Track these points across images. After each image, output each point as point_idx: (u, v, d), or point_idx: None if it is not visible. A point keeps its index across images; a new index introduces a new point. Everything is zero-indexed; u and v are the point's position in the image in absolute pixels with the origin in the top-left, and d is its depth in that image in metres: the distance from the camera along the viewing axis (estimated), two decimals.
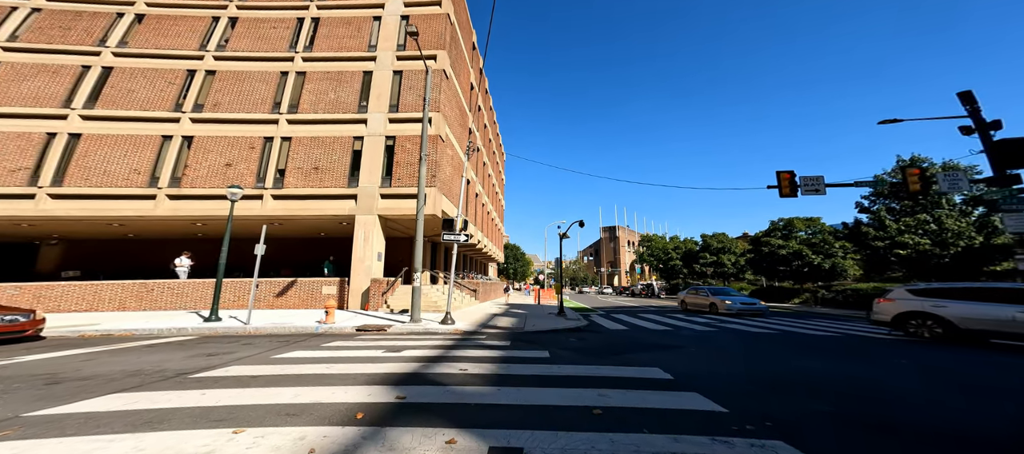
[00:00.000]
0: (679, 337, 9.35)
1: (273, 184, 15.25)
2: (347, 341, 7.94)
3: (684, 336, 9.54)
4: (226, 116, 16.05)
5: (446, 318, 10.81)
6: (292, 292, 13.98)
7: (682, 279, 46.10)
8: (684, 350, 7.33)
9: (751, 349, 7.69)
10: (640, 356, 6.64)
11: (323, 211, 15.17)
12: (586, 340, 8.79)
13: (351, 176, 16.16)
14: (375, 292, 14.05)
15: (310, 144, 16.20)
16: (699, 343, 8.45)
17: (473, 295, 21.51)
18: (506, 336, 9.13)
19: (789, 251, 24.92)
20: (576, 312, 17.57)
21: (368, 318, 11.79)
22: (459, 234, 11.73)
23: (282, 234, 19.68)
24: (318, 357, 6.18)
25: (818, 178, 13.27)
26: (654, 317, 15.25)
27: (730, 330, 10.98)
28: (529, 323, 11.92)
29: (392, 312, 13.74)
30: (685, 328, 11.25)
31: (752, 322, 13.82)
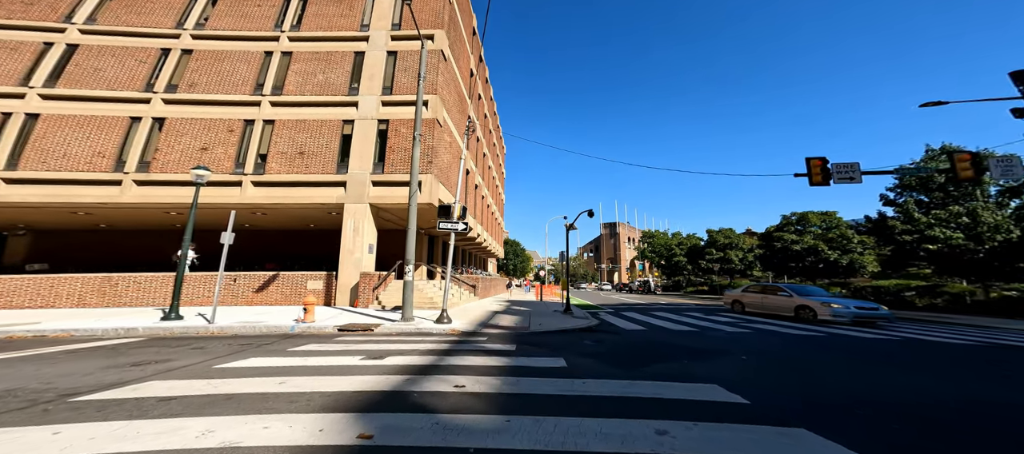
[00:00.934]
0: (712, 339, 8.09)
1: (254, 170, 13.92)
2: (323, 344, 6.67)
3: (717, 338, 8.28)
4: (202, 97, 14.69)
5: (442, 316, 9.55)
6: (274, 287, 12.70)
7: (685, 275, 44.94)
8: (731, 357, 6.08)
9: (803, 353, 6.45)
10: (680, 366, 5.39)
11: (308, 199, 13.86)
12: (603, 342, 7.53)
13: (340, 162, 14.84)
14: (365, 287, 12.78)
15: (295, 128, 14.87)
16: (739, 346, 7.20)
17: (472, 291, 20.26)
18: (510, 338, 7.88)
19: (804, 246, 23.71)
20: (583, 310, 16.33)
21: (355, 316, 10.52)
22: (457, 222, 10.44)
23: (268, 225, 18.37)
24: (276, 366, 4.91)
25: (853, 165, 11.99)
26: (669, 315, 14.01)
27: (765, 331, 9.75)
28: (535, 322, 10.68)
29: (383, 309, 12.48)
30: (711, 329, 9.98)
31: (784, 324, 12.57)
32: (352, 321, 9.36)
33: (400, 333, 8.23)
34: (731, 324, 11.23)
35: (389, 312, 11.76)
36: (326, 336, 7.66)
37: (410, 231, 9.71)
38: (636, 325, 10.69)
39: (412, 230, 9.76)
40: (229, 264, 16.59)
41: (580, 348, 6.81)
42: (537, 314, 13.04)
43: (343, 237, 13.59)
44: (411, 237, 9.72)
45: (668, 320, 12.15)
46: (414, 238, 9.77)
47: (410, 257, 9.56)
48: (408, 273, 9.39)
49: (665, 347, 7.02)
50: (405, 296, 9.29)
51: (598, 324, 10.68)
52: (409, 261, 9.51)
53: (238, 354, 5.75)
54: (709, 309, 17.66)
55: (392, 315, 10.87)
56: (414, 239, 9.76)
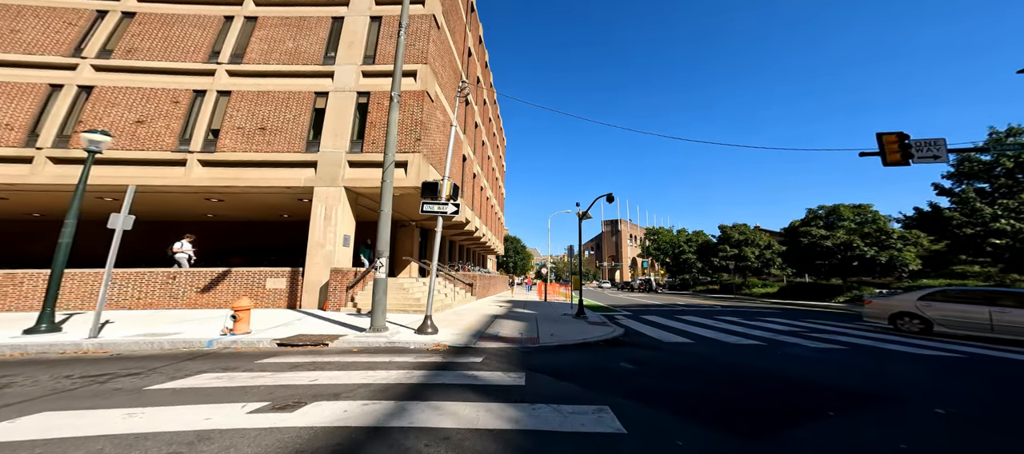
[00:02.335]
0: (826, 366, 5.81)
1: (202, 147, 11.62)
2: (226, 374, 4.43)
3: (830, 363, 6.02)
4: (141, 65, 12.38)
5: (425, 324, 7.33)
6: (225, 286, 10.46)
7: (694, 274, 42.78)
8: (916, 410, 3.84)
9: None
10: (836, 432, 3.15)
11: (270, 181, 11.59)
12: (650, 366, 5.30)
13: (310, 139, 12.58)
14: (337, 287, 10.54)
15: (256, 100, 12.58)
16: (913, 386, 4.95)
17: (469, 290, 18.03)
18: (515, 358, 5.65)
19: (836, 242, 21.49)
20: (597, 312, 14.11)
21: (318, 323, 8.29)
22: (445, 203, 8.21)
23: (230, 215, 16.09)
24: (68, 436, 2.67)
25: (937, 141, 9.71)
26: (703, 320, 11.78)
27: (901, 353, 7.52)
28: (544, 330, 8.45)
29: (359, 313, 10.25)
30: (794, 344, 7.54)
31: (875, 336, 10.31)
32: (306, 331, 7.12)
33: (363, 349, 6.00)
34: (832, 338, 8.97)
35: (364, 317, 9.53)
36: (250, 356, 5.42)
37: (383, 214, 7.46)
38: (675, 335, 8.44)
39: (386, 213, 7.51)
40: (154, 260, 14.37)
41: (622, 379, 4.58)
42: (545, 319, 10.81)
43: (312, 226, 11.33)
44: (384, 222, 7.46)
45: (711, 328, 9.91)
46: (389, 224, 7.51)
47: (383, 248, 7.32)
48: (379, 268, 7.15)
49: (763, 382, 4.76)
50: (375, 298, 7.05)
51: (623, 334, 8.44)
52: (382, 253, 7.27)
53: (57, 397, 3.51)
54: (749, 312, 15.43)
55: (365, 322, 8.62)
56: (389, 225, 7.51)
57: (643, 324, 10.71)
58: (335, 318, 9.17)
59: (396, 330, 7.49)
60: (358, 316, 9.67)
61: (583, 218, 12.37)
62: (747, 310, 16.59)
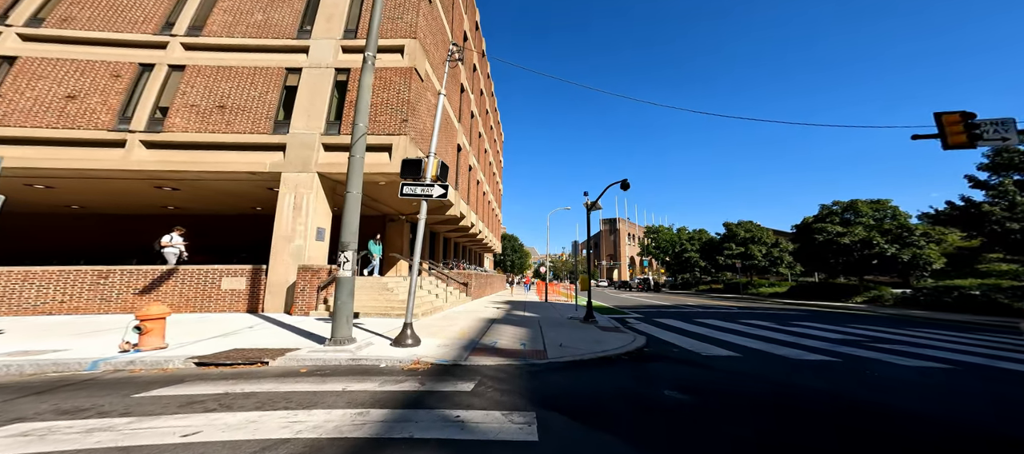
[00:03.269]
0: (974, 400, 4.39)
1: (148, 126, 10.01)
2: (66, 421, 2.91)
3: (973, 394, 4.59)
4: (76, 35, 10.74)
5: (404, 334, 5.85)
6: (170, 288, 8.85)
7: (696, 273, 41.55)
8: None
9: None
10: None
11: (229, 166, 10.01)
12: (705, 396, 3.83)
13: (279, 120, 11.03)
14: (306, 287, 9.00)
15: (215, 75, 10.99)
16: None
17: (463, 290, 16.55)
18: (518, 383, 4.18)
19: (854, 239, 20.18)
20: (604, 315, 12.67)
21: (271, 331, 6.76)
22: (429, 184, 6.73)
23: (194, 208, 14.46)
24: None
25: (1008, 122, 8.30)
26: (727, 324, 10.36)
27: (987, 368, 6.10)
28: (550, 339, 6.98)
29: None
30: (877, 362, 6.04)
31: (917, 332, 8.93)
32: (250, 343, 5.60)
33: (314, 371, 4.49)
34: (919, 352, 7.52)
35: None
36: (137, 384, 3.88)
37: (351, 198, 5.94)
38: (711, 346, 6.97)
39: (354, 196, 5.98)
40: (122, 256, 12.74)
41: (682, 423, 3.11)
42: (550, 324, 9.34)
43: (278, 218, 9.77)
44: (352, 208, 5.94)
45: (748, 336, 8.46)
46: (357, 209, 5.99)
47: (350, 238, 5.80)
48: (344, 264, 5.63)
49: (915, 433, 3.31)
50: (337, 303, 5.54)
51: (645, 344, 6.97)
52: (348, 245, 5.75)
53: None
54: (774, 314, 14.03)
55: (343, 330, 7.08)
56: (357, 211, 5.98)
57: (662, 329, 9.27)
58: (299, 325, 7.64)
59: (366, 341, 5.98)
60: (329, 322, 8.14)
61: (592, 209, 10.91)
62: (769, 312, 15.21)
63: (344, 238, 5.71)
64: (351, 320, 5.61)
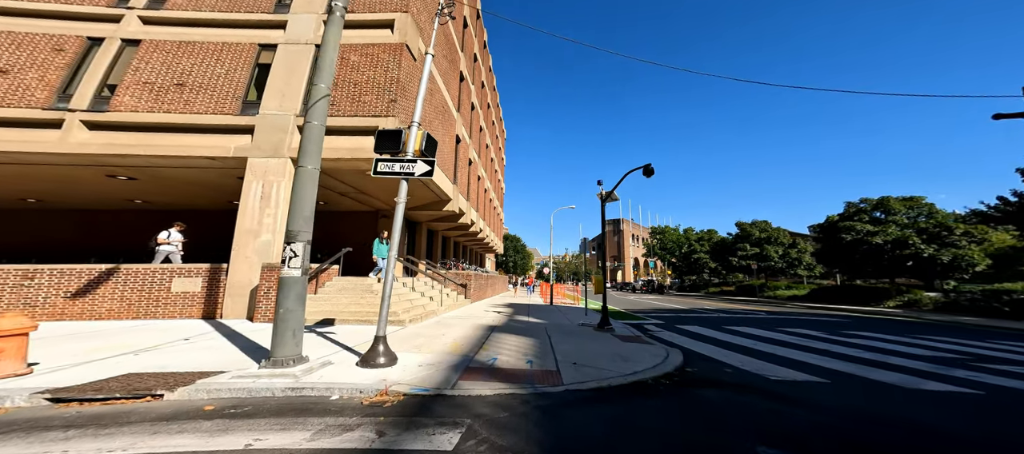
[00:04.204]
0: None
1: (92, 105, 8.69)
2: None
3: None
4: (14, 5, 9.46)
5: (375, 350, 4.50)
6: (108, 290, 7.46)
7: (706, 275, 39.93)
8: None
9: None
10: None
11: (184, 150, 8.67)
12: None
13: (248, 100, 9.72)
14: (272, 289, 7.62)
15: (176, 51, 9.70)
16: None
17: (461, 292, 15.17)
18: (527, 427, 2.76)
19: (887, 238, 18.56)
20: (618, 320, 11.23)
21: (213, 343, 5.40)
22: (413, 160, 5.39)
23: (162, 201, 13.14)
24: None
25: None
26: (767, 333, 8.90)
27: None
28: (562, 352, 5.56)
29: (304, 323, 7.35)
30: None
31: None
32: (156, 365, 4.21)
33: (225, 410, 3.10)
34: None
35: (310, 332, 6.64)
36: None
37: (302, 174, 4.54)
38: (776, 366, 5.48)
39: (308, 172, 4.58)
40: (87, 255, 11.49)
41: None
42: (559, 333, 7.92)
43: (242, 210, 8.43)
44: (305, 186, 4.54)
45: (810, 349, 6.99)
46: (311, 188, 4.59)
47: (301, 226, 4.41)
48: (290, 260, 4.24)
49: None
50: (280, 310, 4.14)
51: (685, 362, 5.52)
52: (297, 235, 4.36)
53: None
54: (816, 321, 12.49)
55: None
56: (311, 190, 4.59)
57: (692, 340, 7.82)
58: (254, 336, 6.26)
59: (323, 360, 4.58)
60: None
61: (608, 200, 9.47)
62: (804, 317, 13.67)
63: (292, 225, 4.32)
64: (300, 335, 4.21)
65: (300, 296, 4.22)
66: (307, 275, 4.35)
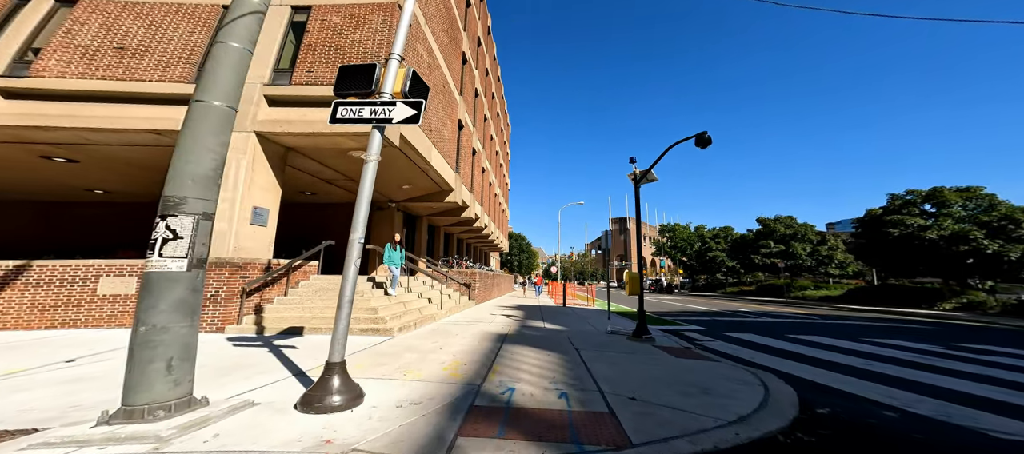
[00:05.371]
0: None
1: (8, 70, 7.13)
2: None
3: None
4: None
5: (325, 385, 2.81)
6: (18, 291, 5.77)
7: (722, 274, 37.89)
8: None
9: None
10: None
11: (121, 122, 7.06)
12: None
13: (204, 65, 8.11)
14: (222, 290, 6.00)
15: (119, 12, 8.13)
16: None
17: (465, 292, 13.52)
18: None
19: (943, 233, 16.51)
20: (653, 327, 9.47)
21: (93, 369, 3.77)
22: (391, 102, 3.70)
23: (129, 192, 11.62)
24: None
25: None
26: (859, 346, 7.11)
27: None
28: (605, 379, 3.83)
29: (263, 333, 5.73)
30: None
31: None
32: None
33: None
34: None
35: (280, 338, 4.99)
36: None
37: (199, 110, 2.85)
38: (965, 408, 3.71)
39: (213, 108, 2.90)
40: (37, 253, 9.91)
41: None
42: (587, 343, 6.20)
43: None
44: (198, 122, 2.85)
45: (963, 376, 5.21)
46: (214, 142, 2.90)
47: (184, 193, 2.71)
48: (161, 248, 2.55)
49: None
50: (142, 330, 2.44)
51: (802, 401, 3.76)
52: (180, 204, 2.66)
53: None
54: (919, 329, 10.58)
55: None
56: (214, 144, 2.89)
57: (764, 354, 6.08)
58: None
59: (238, 401, 2.90)
60: (255, 341, 5.15)
61: (643, 181, 7.71)
62: (872, 323, 11.73)
63: (173, 189, 2.63)
64: (186, 364, 2.54)
65: (183, 305, 2.53)
66: (201, 270, 2.66)
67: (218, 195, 2.77)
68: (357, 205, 3.38)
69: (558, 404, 3.26)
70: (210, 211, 2.70)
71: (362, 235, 3.31)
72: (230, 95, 2.96)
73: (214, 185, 2.74)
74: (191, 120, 2.74)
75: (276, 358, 4.46)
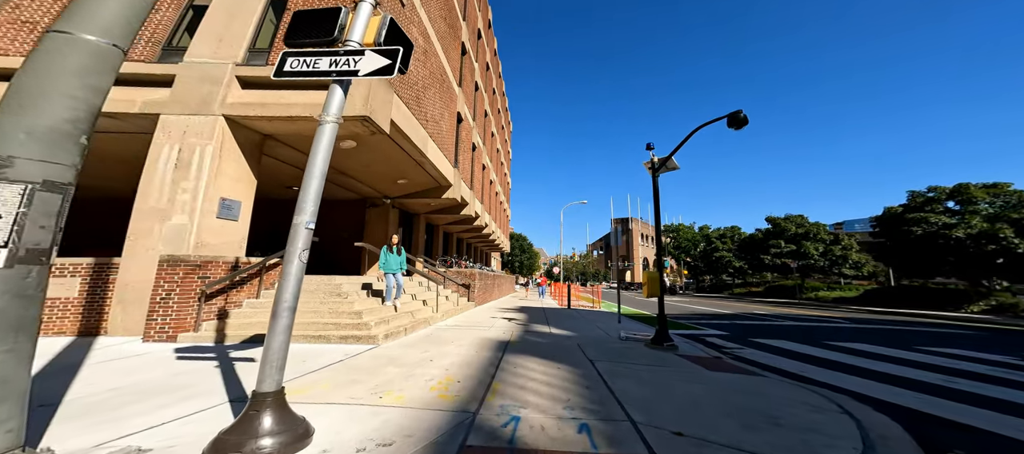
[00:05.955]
0: None
1: None
2: None
3: None
4: None
5: (252, 424, 1.92)
6: None
7: (729, 275, 36.94)
8: None
9: None
10: None
11: None
12: None
13: (174, 46, 7.35)
14: (174, 292, 5.15)
15: None
16: None
17: (464, 293, 12.65)
18: None
19: (969, 231, 15.55)
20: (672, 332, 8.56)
21: None
22: (358, 50, 2.80)
23: (103, 183, 10.81)
24: None
25: None
26: (913, 356, 6.22)
27: None
28: (639, 406, 2.93)
29: (223, 343, 4.88)
30: None
31: None
32: None
33: None
34: None
35: (209, 354, 4.13)
36: None
37: (47, 46, 1.99)
38: None
39: (68, 41, 2.04)
40: None
41: None
42: (604, 355, 5.33)
43: (144, 184, 5.96)
44: (51, 66, 1.99)
45: None
46: (74, 84, 2.04)
47: (11, 152, 1.85)
48: None
49: None
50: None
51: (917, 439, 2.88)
52: (7, 173, 1.80)
53: None
54: (974, 335, 9.71)
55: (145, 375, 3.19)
56: (69, 86, 2.03)
57: (801, 362, 5.22)
58: (112, 374, 3.76)
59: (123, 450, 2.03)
60: (208, 353, 4.30)
61: (663, 169, 6.82)
62: (909, 328, 10.82)
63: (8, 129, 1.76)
64: (11, 401, 1.66)
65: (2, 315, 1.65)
66: (37, 267, 1.78)
67: (79, 159, 1.90)
68: (306, 179, 2.53)
69: (579, 442, 2.41)
70: (63, 180, 1.84)
71: (310, 218, 2.46)
72: (115, 31, 2.08)
73: (72, 144, 1.87)
74: (39, 55, 1.87)
75: (221, 375, 3.59)
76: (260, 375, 2.12)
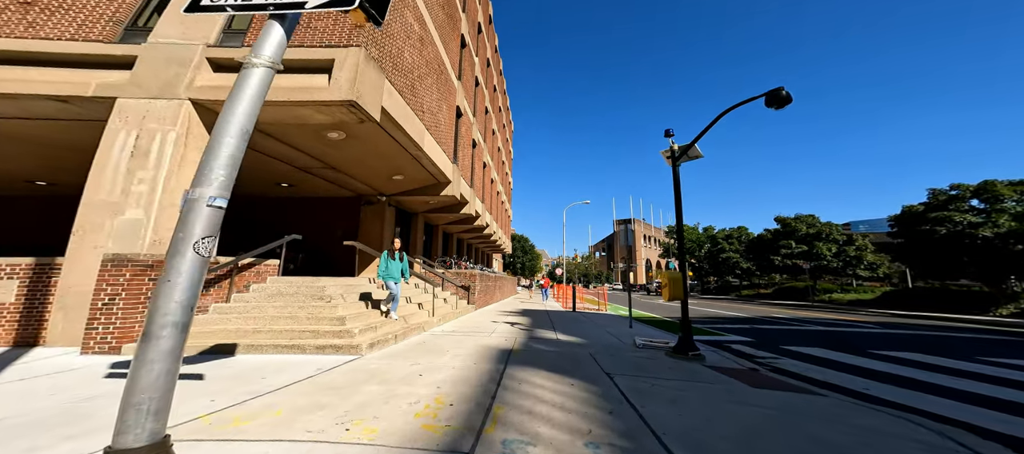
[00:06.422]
0: None
1: None
2: None
3: None
4: None
5: None
6: None
7: (736, 276, 36.00)
8: None
9: None
10: None
11: (18, 87, 5.54)
12: None
13: (138, 26, 6.67)
14: (118, 296, 4.42)
15: None
16: None
17: (463, 295, 11.91)
18: None
19: (996, 230, 14.67)
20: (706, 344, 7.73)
21: None
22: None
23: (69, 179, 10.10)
24: None
25: None
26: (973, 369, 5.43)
27: None
28: (685, 444, 2.18)
29: None
30: None
31: None
32: None
33: None
34: None
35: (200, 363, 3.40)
36: None
37: None
38: None
39: None
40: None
41: None
42: (623, 368, 4.56)
43: (95, 173, 5.26)
44: None
45: None
46: None
47: None
48: None
49: None
50: None
51: None
52: None
53: None
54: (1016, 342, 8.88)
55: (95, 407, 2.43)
56: None
57: (847, 374, 4.43)
58: (32, 396, 3.03)
59: None
60: None
61: (684, 158, 6.05)
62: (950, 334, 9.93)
63: None
64: None
65: None
66: None
67: None
68: (215, 135, 1.79)
69: None
70: None
71: (218, 193, 1.71)
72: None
73: None
74: None
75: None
76: (119, 422, 1.37)
